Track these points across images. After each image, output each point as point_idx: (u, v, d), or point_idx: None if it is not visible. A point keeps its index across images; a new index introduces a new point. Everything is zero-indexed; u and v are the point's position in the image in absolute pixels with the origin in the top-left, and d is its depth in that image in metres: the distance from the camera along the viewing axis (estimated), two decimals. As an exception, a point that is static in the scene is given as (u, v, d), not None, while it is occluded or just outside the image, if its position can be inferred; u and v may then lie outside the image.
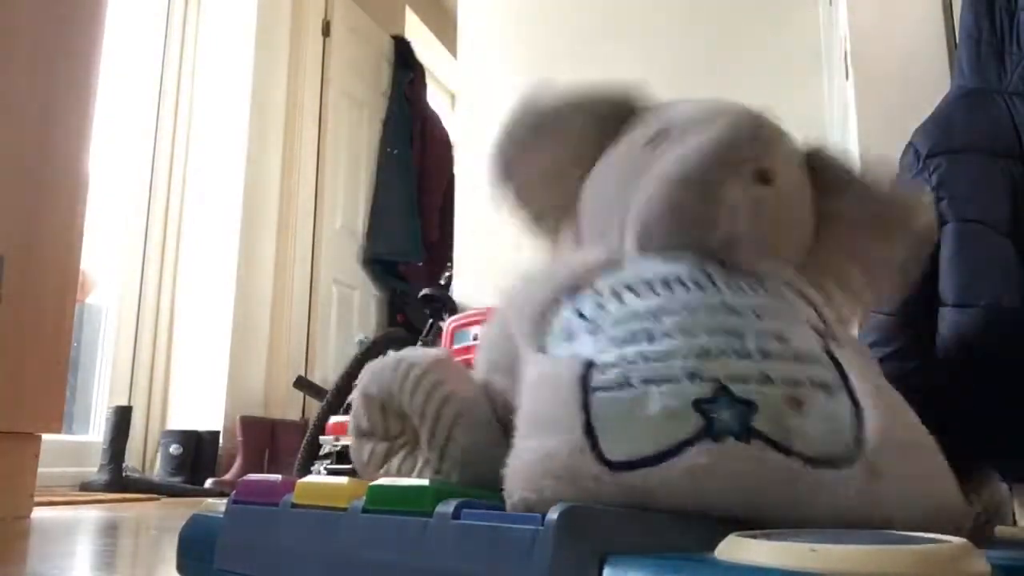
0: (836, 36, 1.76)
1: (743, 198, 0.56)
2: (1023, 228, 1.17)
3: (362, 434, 0.62)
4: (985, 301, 0.94)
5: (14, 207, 1.41)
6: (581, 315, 0.54)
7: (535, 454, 0.44)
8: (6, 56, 1.41)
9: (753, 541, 0.33)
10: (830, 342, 0.50)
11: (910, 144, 1.30)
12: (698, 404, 0.45)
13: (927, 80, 1.38)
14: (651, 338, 0.49)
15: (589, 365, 0.48)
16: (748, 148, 0.59)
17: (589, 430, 0.44)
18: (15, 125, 1.42)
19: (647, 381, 0.46)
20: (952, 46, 1.38)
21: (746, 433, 0.44)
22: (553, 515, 0.35)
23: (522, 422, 0.48)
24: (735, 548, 0.33)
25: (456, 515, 0.39)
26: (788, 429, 0.44)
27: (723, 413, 0.45)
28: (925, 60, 1.40)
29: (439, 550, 0.39)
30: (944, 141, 1.26)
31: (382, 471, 0.60)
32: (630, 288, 0.53)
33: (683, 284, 0.52)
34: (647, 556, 0.33)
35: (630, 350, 0.48)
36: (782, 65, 2.25)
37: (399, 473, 0.58)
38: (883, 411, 0.46)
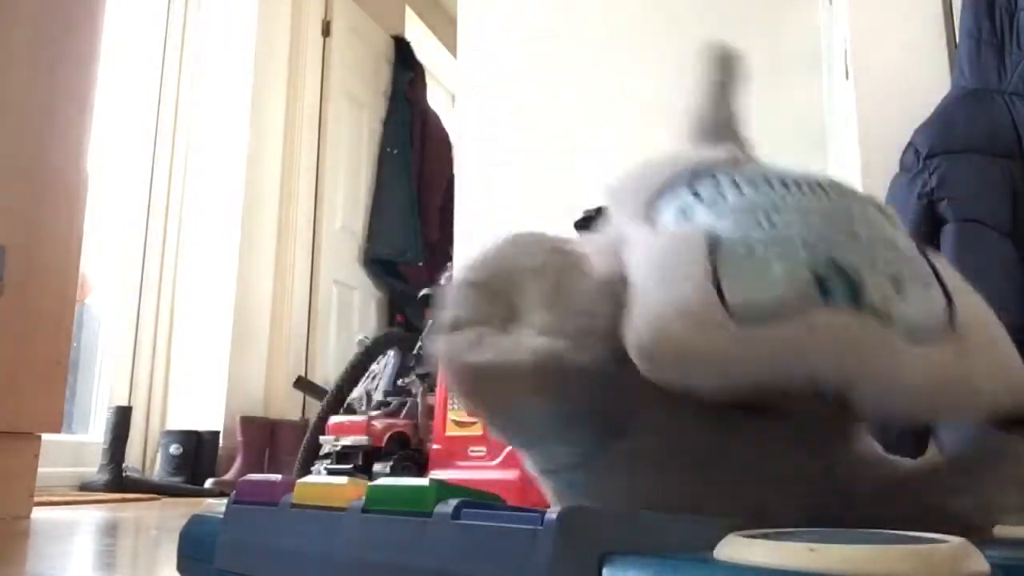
0: (836, 36, 1.76)
1: None
2: (1023, 228, 1.17)
3: (456, 326, 0.56)
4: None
5: (14, 206, 1.41)
6: (698, 196, 0.54)
7: (664, 300, 0.46)
8: (6, 56, 1.41)
9: (752, 541, 0.33)
10: (927, 251, 0.54)
11: (910, 144, 1.30)
12: (815, 274, 0.47)
13: (927, 80, 1.38)
14: (770, 221, 0.51)
15: (714, 237, 0.50)
16: None
17: (717, 283, 0.46)
18: (15, 125, 1.42)
19: (768, 249, 0.48)
20: (952, 46, 1.38)
21: (856, 304, 0.46)
22: (553, 515, 0.35)
23: (645, 279, 0.49)
24: (734, 548, 0.33)
25: (456, 515, 0.39)
26: (891, 308, 0.47)
27: (837, 284, 0.47)
28: (925, 60, 1.40)
29: (439, 550, 0.39)
30: (944, 141, 1.26)
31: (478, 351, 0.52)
32: (750, 182, 0.55)
33: (799, 186, 0.54)
34: (647, 556, 0.33)
35: (755, 232, 0.50)
36: (782, 65, 2.24)
37: (499, 350, 0.51)
38: (971, 305, 0.51)
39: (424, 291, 2.04)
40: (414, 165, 3.75)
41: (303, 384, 2.43)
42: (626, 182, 0.64)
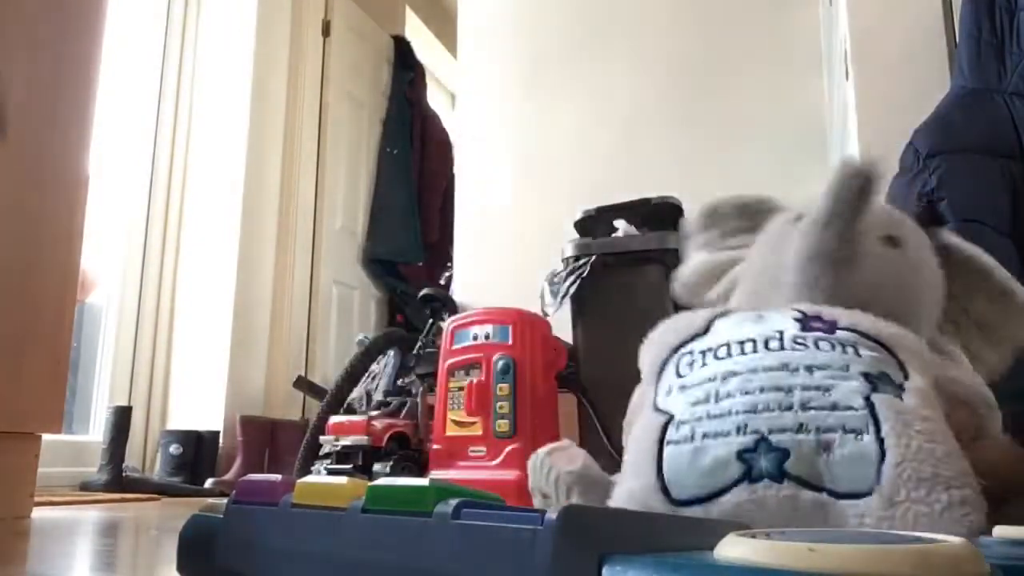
0: (836, 36, 1.76)
1: (875, 248, 0.70)
2: (1023, 228, 1.17)
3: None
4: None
5: (14, 206, 1.41)
6: (679, 373, 0.68)
7: (623, 493, 0.61)
8: (6, 56, 1.41)
9: (752, 541, 0.33)
10: (881, 387, 0.59)
11: (910, 144, 1.30)
12: (740, 454, 0.58)
13: (927, 80, 1.38)
14: (717, 398, 0.62)
15: (669, 421, 0.63)
16: (876, 215, 0.73)
17: (660, 475, 0.59)
18: (15, 125, 1.42)
19: (706, 436, 0.60)
20: (952, 46, 1.38)
21: (779, 475, 0.55)
22: (553, 515, 0.35)
23: (624, 467, 0.65)
24: (734, 548, 0.33)
25: (456, 515, 0.39)
26: (818, 469, 0.54)
27: (760, 460, 0.57)
28: (925, 60, 1.40)
29: (439, 550, 0.39)
30: (944, 141, 1.26)
31: None
32: (712, 351, 0.67)
33: (754, 345, 0.65)
34: (646, 556, 0.33)
35: (699, 409, 0.62)
36: (782, 65, 2.24)
37: None
38: (903, 449, 0.54)
39: (424, 291, 2.04)
40: (414, 165, 3.75)
41: (303, 384, 2.43)
42: (653, 338, 0.77)
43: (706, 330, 0.71)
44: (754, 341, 0.65)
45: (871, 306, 0.69)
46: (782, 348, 0.64)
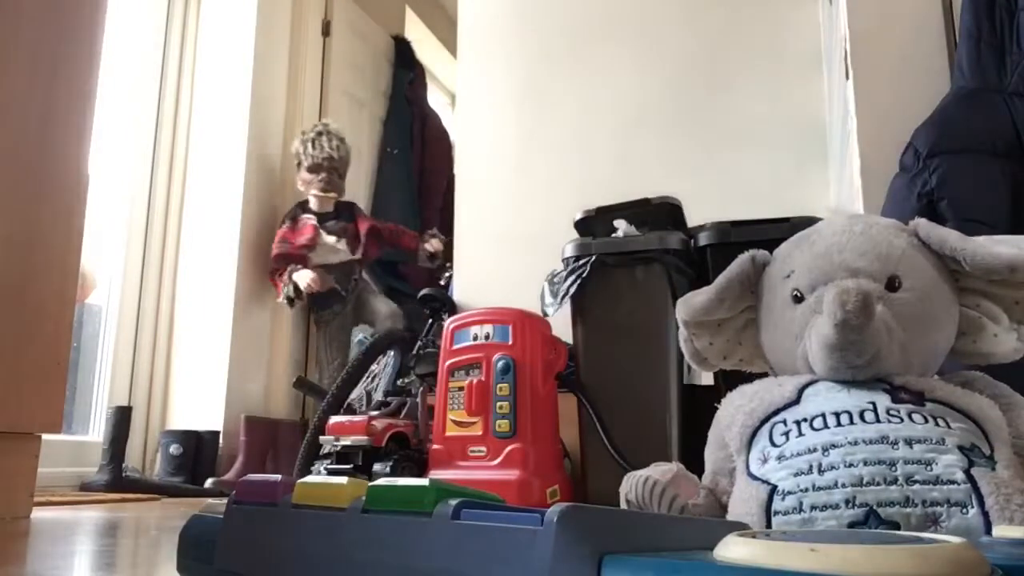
0: (836, 36, 1.76)
1: (882, 314, 0.71)
2: (1023, 228, 1.17)
3: None
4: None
5: (14, 206, 1.41)
6: (772, 442, 0.70)
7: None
8: (6, 57, 1.41)
9: (752, 541, 0.33)
10: (976, 459, 0.61)
11: (910, 144, 1.30)
12: (852, 526, 0.59)
13: (927, 80, 1.38)
14: (820, 469, 0.64)
15: (773, 490, 0.65)
16: (861, 261, 0.75)
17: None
18: (15, 125, 1.42)
19: (814, 507, 0.62)
20: (952, 46, 1.38)
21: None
22: (553, 515, 0.35)
23: None
24: (734, 548, 0.33)
25: (456, 515, 0.39)
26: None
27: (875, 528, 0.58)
28: (925, 60, 1.40)
29: (439, 550, 0.39)
30: (944, 141, 1.26)
31: None
32: (808, 421, 0.69)
33: (850, 417, 0.67)
34: (646, 556, 0.33)
35: (803, 480, 0.64)
36: (782, 65, 2.24)
37: None
38: (1007, 524, 0.56)
39: (424, 291, 2.04)
40: (414, 165, 3.75)
41: (303, 384, 2.43)
42: (731, 406, 0.80)
43: (797, 399, 0.73)
44: (849, 413, 0.67)
45: (910, 355, 0.71)
46: (877, 420, 0.66)
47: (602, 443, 1.40)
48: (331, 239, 2.89)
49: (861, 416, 0.66)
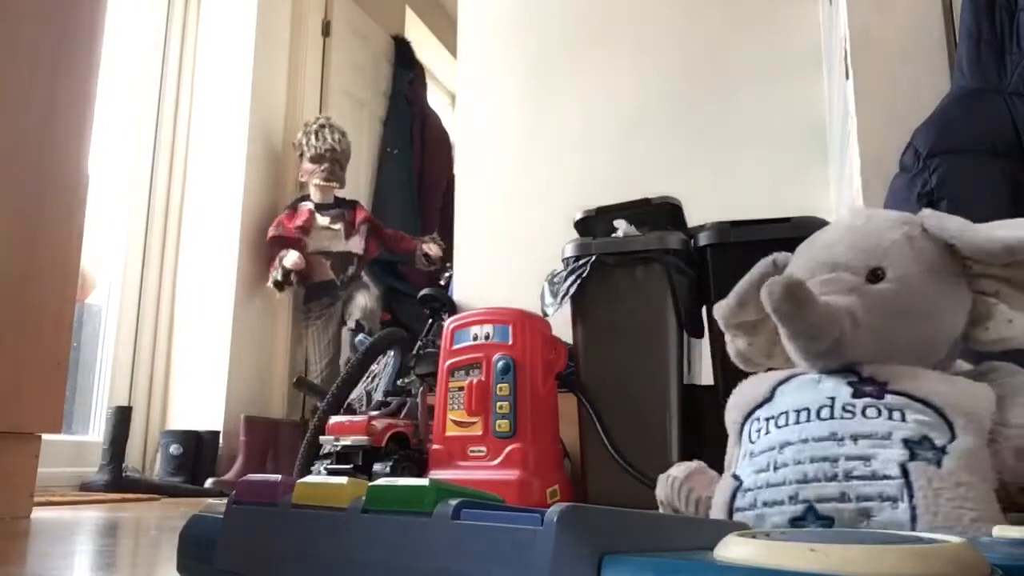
0: (836, 36, 1.76)
1: (849, 302, 0.71)
2: (1023, 228, 1.16)
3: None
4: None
5: (14, 206, 1.41)
6: (750, 438, 0.74)
7: None
8: (6, 56, 1.41)
9: (752, 541, 0.33)
10: (920, 453, 0.63)
11: (910, 144, 1.30)
12: (793, 521, 0.63)
13: (927, 80, 1.38)
14: (775, 467, 0.68)
15: (738, 487, 0.70)
16: (844, 255, 0.76)
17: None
18: (15, 125, 1.42)
19: (765, 503, 0.66)
20: (952, 46, 1.38)
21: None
22: (553, 515, 0.35)
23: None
24: (734, 548, 0.33)
25: (456, 515, 0.39)
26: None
27: (809, 527, 0.61)
28: (925, 60, 1.40)
29: (439, 550, 0.39)
30: (944, 141, 1.26)
31: None
32: (774, 419, 0.72)
33: (808, 414, 0.70)
34: (646, 556, 0.33)
35: (760, 477, 0.68)
36: (782, 65, 2.25)
37: None
38: (931, 517, 0.58)
39: (424, 291, 2.04)
40: (414, 165, 3.75)
41: (303, 384, 2.43)
42: (735, 396, 0.81)
43: (770, 397, 0.75)
44: (808, 410, 0.70)
45: (892, 345, 0.72)
46: (832, 417, 0.68)
47: (602, 443, 1.40)
48: (325, 219, 2.91)
49: (818, 413, 0.69)
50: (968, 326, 0.77)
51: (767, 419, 0.73)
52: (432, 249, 3.07)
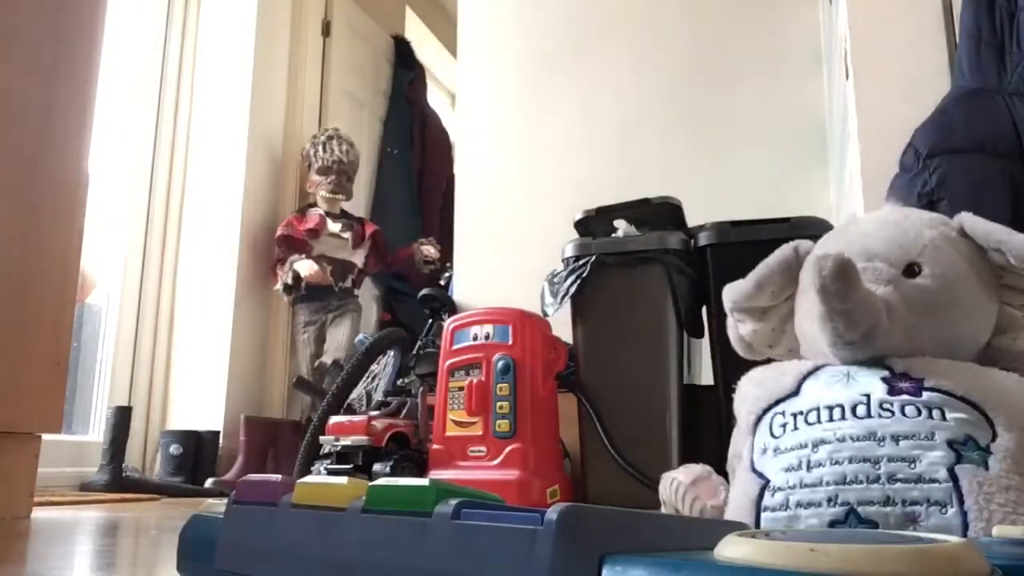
0: (836, 36, 1.76)
1: (885, 293, 0.70)
2: (1023, 228, 1.16)
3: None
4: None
5: (14, 207, 1.41)
6: (772, 433, 0.71)
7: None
8: (6, 56, 1.41)
9: (752, 540, 0.33)
10: (966, 454, 0.61)
11: (910, 144, 1.30)
12: (832, 525, 0.60)
13: (927, 80, 1.38)
14: (808, 466, 0.65)
15: (765, 485, 0.67)
16: (882, 246, 0.75)
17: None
18: (15, 125, 1.42)
19: (799, 504, 0.63)
20: (952, 46, 1.38)
21: None
22: (553, 515, 0.35)
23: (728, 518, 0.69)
24: (734, 548, 0.33)
25: (456, 515, 0.39)
26: None
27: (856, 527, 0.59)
28: (925, 60, 1.40)
29: (439, 550, 0.39)
30: (944, 141, 1.26)
31: None
32: (803, 415, 0.70)
33: (843, 412, 0.67)
34: (646, 556, 0.33)
35: (792, 476, 0.66)
36: (782, 65, 2.24)
37: None
38: (984, 524, 0.57)
39: (424, 291, 2.04)
40: (414, 165, 3.75)
41: (303, 384, 2.43)
42: (746, 387, 0.80)
43: (796, 391, 0.73)
44: (842, 407, 0.67)
45: (920, 341, 0.71)
46: (869, 415, 0.66)
47: (602, 443, 1.40)
48: (336, 226, 2.92)
49: (853, 410, 0.66)
50: (992, 335, 0.76)
51: (794, 414, 0.70)
52: (429, 251, 3.08)
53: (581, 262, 1.44)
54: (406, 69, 3.89)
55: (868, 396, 0.67)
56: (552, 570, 0.34)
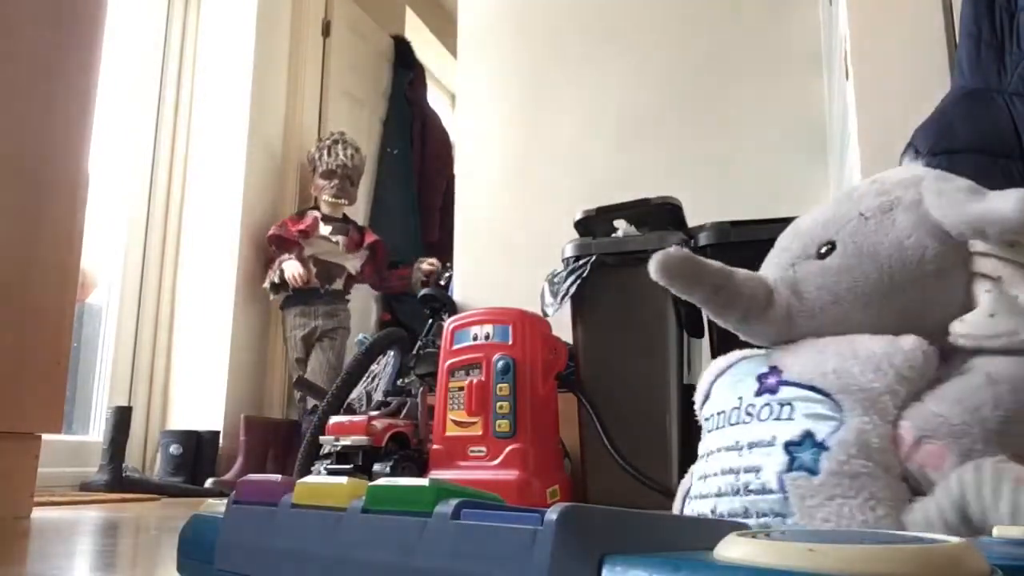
0: (836, 36, 1.76)
1: (782, 276, 0.71)
2: (1023, 229, 1.16)
3: None
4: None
5: (14, 206, 1.41)
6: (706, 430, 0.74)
7: None
8: (6, 56, 1.41)
9: (752, 540, 0.33)
10: (799, 456, 0.61)
11: (910, 144, 1.30)
12: None
13: (927, 80, 1.38)
14: (704, 476, 0.68)
15: (688, 490, 0.72)
16: (809, 227, 0.74)
17: None
18: (15, 125, 1.42)
19: (696, 513, 0.68)
20: (952, 46, 1.38)
21: None
22: (552, 515, 0.35)
23: None
24: (734, 548, 0.33)
25: (456, 515, 0.39)
26: None
27: None
28: (925, 60, 1.40)
29: (439, 550, 0.39)
30: (944, 141, 1.26)
31: None
32: (709, 420, 0.72)
33: (724, 417, 0.69)
34: (647, 556, 0.33)
35: (696, 486, 0.69)
36: (782, 65, 2.24)
37: None
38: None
39: (424, 291, 2.04)
40: (414, 165, 3.75)
41: (303, 384, 2.43)
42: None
43: (707, 394, 0.75)
44: (724, 413, 0.69)
45: (826, 324, 0.68)
46: (738, 421, 0.67)
47: (602, 443, 1.40)
48: (327, 229, 2.91)
49: (729, 419, 0.68)
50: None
51: (706, 419, 0.72)
52: (425, 269, 3.08)
53: (581, 262, 1.44)
54: (406, 69, 3.89)
55: (741, 399, 0.68)
56: (552, 570, 0.34)
